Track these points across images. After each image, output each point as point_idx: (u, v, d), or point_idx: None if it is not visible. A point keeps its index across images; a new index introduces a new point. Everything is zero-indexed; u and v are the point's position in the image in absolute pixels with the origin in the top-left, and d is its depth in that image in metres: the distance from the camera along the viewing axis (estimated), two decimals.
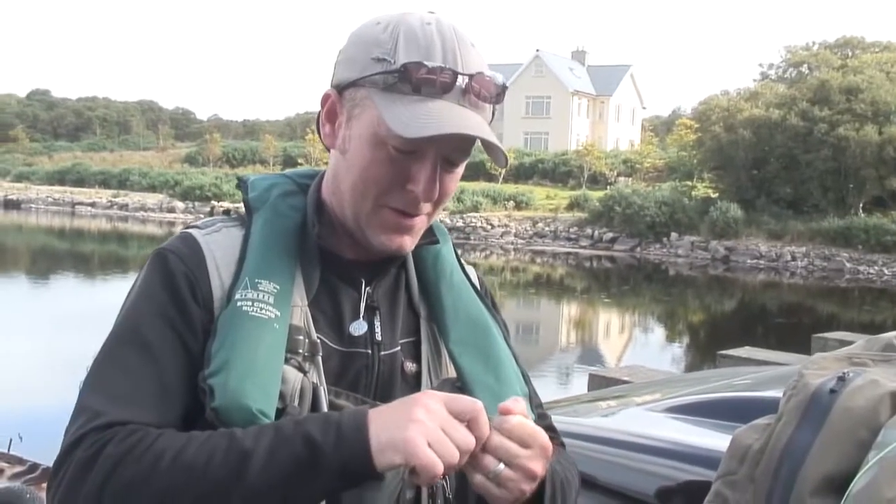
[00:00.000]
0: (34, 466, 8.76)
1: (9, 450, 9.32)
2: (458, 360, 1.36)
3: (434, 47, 1.21)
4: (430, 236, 1.41)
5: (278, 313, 1.23)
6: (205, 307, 1.24)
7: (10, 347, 15.13)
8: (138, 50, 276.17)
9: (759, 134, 39.63)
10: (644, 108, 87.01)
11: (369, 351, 1.32)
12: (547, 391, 11.69)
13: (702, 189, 43.93)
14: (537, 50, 77.23)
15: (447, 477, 1.24)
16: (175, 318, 1.23)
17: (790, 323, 22.50)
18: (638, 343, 20.30)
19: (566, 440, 1.62)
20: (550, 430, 1.51)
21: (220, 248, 1.29)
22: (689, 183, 44.88)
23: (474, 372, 1.35)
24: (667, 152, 55.41)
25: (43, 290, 25.64)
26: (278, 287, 1.25)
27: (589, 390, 8.64)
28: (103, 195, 62.54)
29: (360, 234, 1.30)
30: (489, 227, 44.78)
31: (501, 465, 1.14)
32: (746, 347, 11.74)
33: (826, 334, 13.01)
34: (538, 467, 1.17)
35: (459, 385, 1.34)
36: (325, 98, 1.30)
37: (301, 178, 1.41)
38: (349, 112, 1.27)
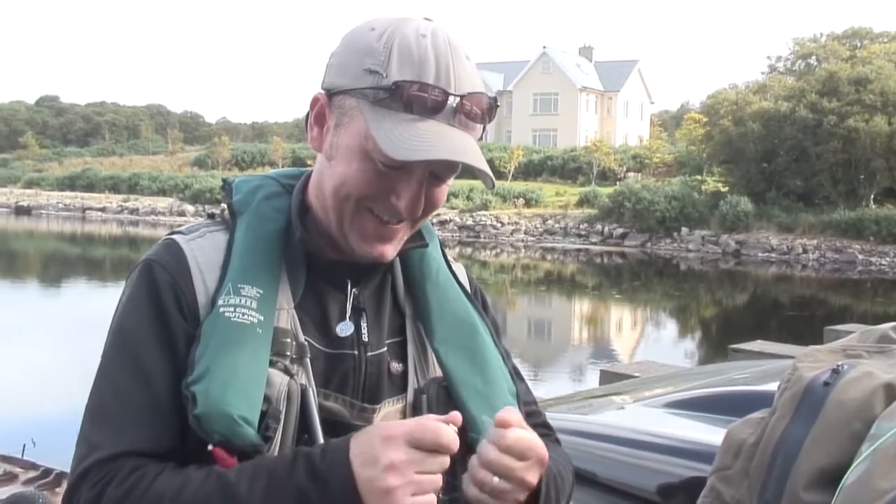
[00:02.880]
0: (47, 471, 8.79)
1: (22, 455, 9.38)
2: (443, 359, 1.35)
3: (428, 63, 1.19)
4: (419, 239, 1.40)
5: (262, 318, 1.23)
6: (190, 316, 1.24)
7: (23, 354, 15.19)
8: (146, 54, 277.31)
9: (769, 127, 39.53)
10: (652, 103, 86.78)
11: (356, 352, 1.31)
12: (559, 388, 11.68)
13: (711, 183, 43.87)
14: (544, 47, 77.14)
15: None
16: (163, 331, 1.23)
17: (802, 316, 22.42)
18: (650, 338, 20.24)
19: (564, 437, 1.61)
20: (544, 426, 1.50)
21: (204, 253, 1.29)
22: (699, 177, 44.82)
23: (460, 371, 1.34)
24: (676, 147, 55.32)
25: (55, 295, 25.72)
26: (262, 291, 1.25)
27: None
28: (113, 200, 62.73)
29: (343, 240, 1.30)
30: (499, 224, 44.75)
31: (497, 479, 1.14)
32: (758, 341, 11.71)
33: (839, 326, 12.95)
34: (534, 477, 1.17)
35: (445, 384, 1.34)
36: (315, 101, 1.28)
37: (286, 179, 1.40)
38: (338, 119, 1.25)
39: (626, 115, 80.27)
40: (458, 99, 1.20)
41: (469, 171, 1.21)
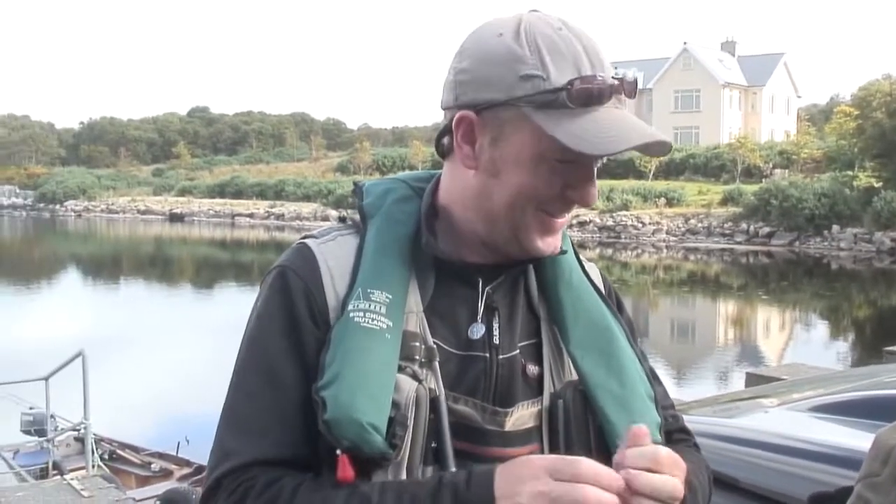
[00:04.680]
0: (200, 468, 9.18)
1: (177, 452, 9.85)
2: (579, 363, 1.32)
3: (580, 55, 1.19)
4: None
5: (390, 323, 1.23)
6: (321, 322, 1.25)
7: (177, 354, 15.87)
8: (290, 64, 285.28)
9: None
10: (799, 96, 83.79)
11: (487, 354, 1.29)
12: (703, 391, 11.44)
13: (864, 178, 42.01)
14: (685, 43, 75.55)
15: None
16: (295, 339, 1.25)
17: None
18: (799, 340, 19.64)
19: (704, 441, 1.58)
20: (682, 431, 1.47)
21: (335, 257, 1.30)
22: (850, 173, 42.98)
23: (596, 376, 1.31)
24: (825, 142, 53.16)
25: (208, 298, 26.75)
26: (391, 296, 1.25)
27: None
28: (260, 206, 64.83)
29: (514, 245, 1.29)
30: (640, 225, 44.12)
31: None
32: None
33: None
34: (681, 490, 1.13)
35: (582, 389, 1.32)
36: (462, 120, 1.25)
37: (416, 182, 1.40)
38: (495, 133, 1.23)
39: (772, 111, 77.83)
40: (616, 82, 1.20)
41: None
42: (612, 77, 1.20)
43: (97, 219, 70.35)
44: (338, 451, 1.17)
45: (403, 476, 1.20)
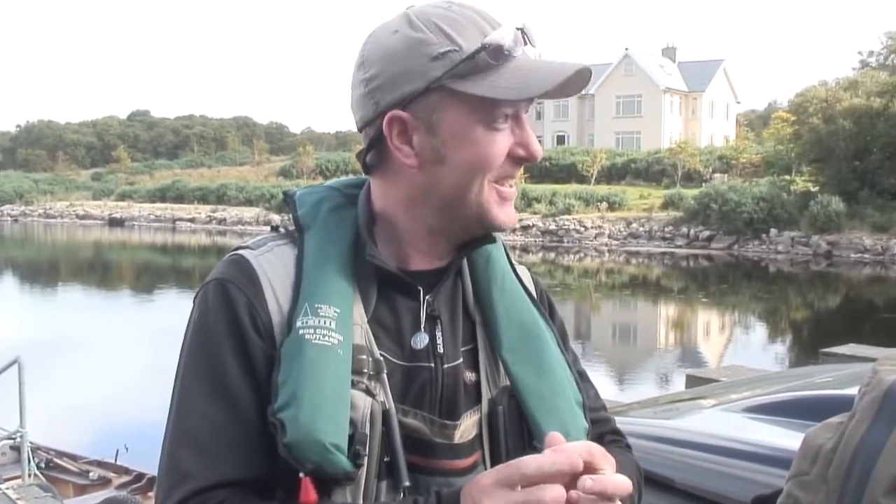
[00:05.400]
0: (140, 476, 9.04)
1: (115, 460, 9.67)
2: (510, 368, 1.31)
3: (478, 21, 1.22)
4: (490, 238, 1.37)
5: (341, 338, 1.20)
6: (266, 336, 1.22)
7: (116, 360, 15.62)
8: (232, 67, 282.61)
9: (861, 124, 38.44)
10: (738, 102, 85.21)
11: (432, 364, 1.28)
12: (644, 393, 11.55)
13: (801, 183, 42.84)
14: (626, 48, 76.43)
15: None
16: (243, 354, 1.21)
17: None
18: (738, 342, 19.93)
19: (639, 441, 1.59)
20: (613, 433, 1.48)
21: (274, 269, 1.27)
22: (788, 177, 43.81)
23: (527, 381, 1.30)
24: (763, 147, 54.08)
25: (147, 304, 26.38)
26: (339, 310, 1.22)
27: None
28: (202, 210, 64.07)
29: (477, 225, 1.28)
30: (582, 229, 44.47)
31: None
32: (851, 345, 11.44)
33: None
34: (630, 485, 1.12)
35: (514, 394, 1.31)
36: (391, 122, 1.23)
37: (349, 189, 1.38)
38: (427, 121, 1.22)
39: (712, 116, 79.01)
40: (520, 32, 1.22)
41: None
42: (517, 28, 1.22)
43: (34, 223, 69.00)
44: (301, 474, 1.14)
45: (361, 493, 1.18)
